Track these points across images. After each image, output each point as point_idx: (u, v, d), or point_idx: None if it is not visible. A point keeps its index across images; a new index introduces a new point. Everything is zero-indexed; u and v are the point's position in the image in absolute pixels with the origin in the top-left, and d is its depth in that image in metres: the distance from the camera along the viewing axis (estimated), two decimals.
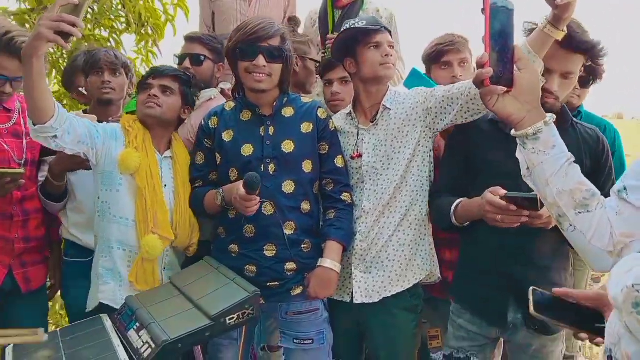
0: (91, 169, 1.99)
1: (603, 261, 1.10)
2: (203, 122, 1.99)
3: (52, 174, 2.09)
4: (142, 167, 1.92)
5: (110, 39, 3.68)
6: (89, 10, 3.66)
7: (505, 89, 1.13)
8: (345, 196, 1.96)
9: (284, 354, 2.19)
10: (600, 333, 1.09)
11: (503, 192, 1.59)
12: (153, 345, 1.50)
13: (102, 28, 3.69)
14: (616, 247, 1.08)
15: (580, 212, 1.09)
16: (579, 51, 1.72)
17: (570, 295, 1.22)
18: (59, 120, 1.70)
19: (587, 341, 1.20)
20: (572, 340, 2.55)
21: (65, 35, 1.51)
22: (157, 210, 1.91)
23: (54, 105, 1.69)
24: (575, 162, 1.16)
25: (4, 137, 2.08)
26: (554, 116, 1.16)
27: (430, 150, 2.00)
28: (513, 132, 1.17)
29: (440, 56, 2.27)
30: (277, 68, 1.88)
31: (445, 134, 2.09)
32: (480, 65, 1.12)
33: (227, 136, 1.93)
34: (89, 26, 3.55)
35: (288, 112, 1.96)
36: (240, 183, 1.72)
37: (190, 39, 2.38)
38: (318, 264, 1.88)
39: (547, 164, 1.12)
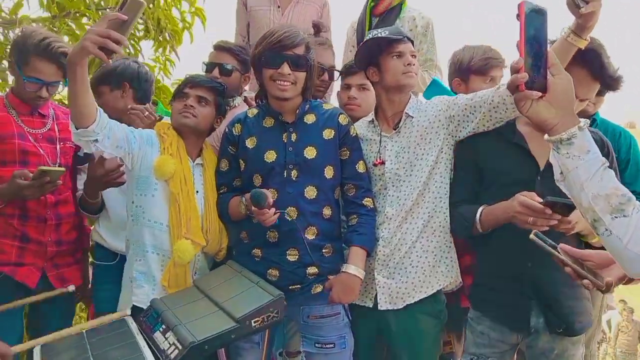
0: (123, 184, 2.06)
1: (639, 266, 1.09)
2: (227, 130, 2.02)
3: (86, 193, 2.15)
4: (176, 174, 1.94)
5: (129, 45, 3.72)
6: None
7: (540, 94, 1.14)
8: (367, 201, 1.97)
9: (303, 358, 2.21)
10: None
11: (537, 197, 1.61)
12: (180, 347, 1.51)
13: None
14: None
15: (616, 217, 1.09)
16: (605, 85, 1.75)
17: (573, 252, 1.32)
18: (100, 124, 1.75)
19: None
20: (590, 348, 2.53)
21: (109, 51, 1.55)
22: (190, 215, 1.93)
23: (96, 111, 1.74)
24: None
25: (39, 141, 2.14)
26: (588, 121, 1.16)
27: (452, 157, 2.01)
28: (546, 137, 1.17)
29: (488, 70, 2.29)
30: (301, 76, 1.91)
31: None
32: (516, 70, 1.12)
33: (250, 143, 1.95)
34: None
35: (310, 118, 1.98)
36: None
37: (220, 48, 2.41)
38: (342, 270, 1.90)
39: (582, 168, 1.12)
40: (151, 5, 3.58)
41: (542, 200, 1.60)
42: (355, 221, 1.95)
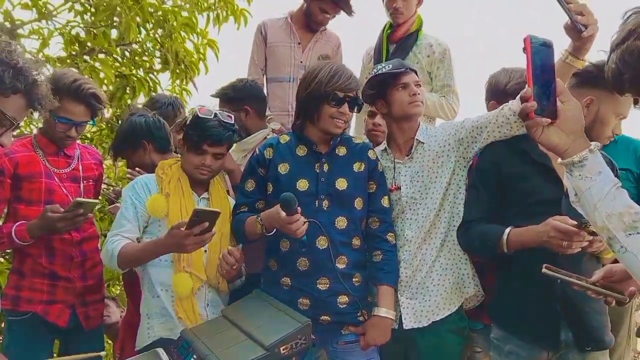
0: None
1: None
2: (258, 152, 2.06)
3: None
4: (173, 210, 1.99)
5: (147, 78, 3.84)
6: (126, 52, 3.87)
7: (549, 120, 1.19)
8: (390, 236, 2.02)
9: None
10: None
11: (572, 221, 1.63)
12: None
13: (139, 68, 3.87)
14: None
15: (630, 234, 1.12)
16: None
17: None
18: None
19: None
20: (623, 358, 2.50)
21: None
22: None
23: None
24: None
25: (63, 181, 2.22)
26: (599, 144, 1.21)
27: (465, 178, 2.07)
28: (559, 160, 1.22)
29: None
30: (351, 116, 2.03)
31: None
32: (525, 99, 1.18)
33: (283, 169, 1.99)
34: (125, 68, 3.71)
35: (342, 151, 2.04)
36: (277, 207, 1.78)
37: (221, 99, 2.54)
38: (373, 313, 1.95)
39: (595, 189, 1.16)
40: (168, 39, 3.71)
41: (576, 223, 1.61)
42: (380, 258, 1.99)
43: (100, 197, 2.57)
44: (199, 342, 1.73)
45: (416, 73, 2.10)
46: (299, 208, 1.77)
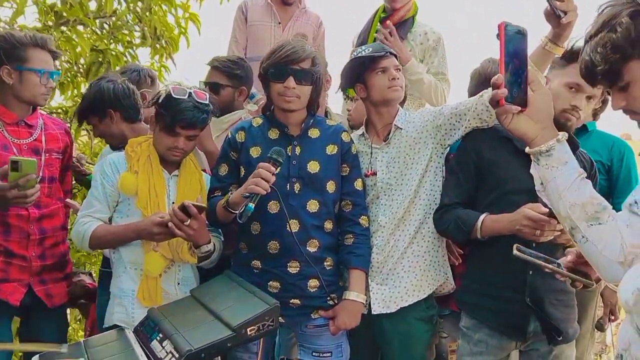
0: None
1: (614, 271, 1.14)
2: (230, 135, 2.03)
3: None
4: (142, 189, 1.96)
5: (126, 53, 3.76)
6: (105, 25, 3.77)
7: (519, 108, 1.19)
8: (363, 220, 2.01)
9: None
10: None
11: (544, 209, 1.64)
12: (177, 355, 1.53)
13: (118, 43, 3.78)
14: (627, 257, 1.12)
15: (592, 224, 1.14)
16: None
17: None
18: None
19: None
20: (587, 349, 2.56)
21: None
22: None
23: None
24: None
25: (22, 152, 2.11)
26: (566, 134, 1.22)
27: (442, 165, 2.07)
28: (527, 149, 1.23)
29: None
30: (306, 90, 1.92)
31: None
32: (496, 86, 1.18)
33: (254, 152, 1.96)
34: (105, 41, 3.63)
35: (314, 133, 2.01)
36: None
37: (212, 67, 2.46)
38: (344, 297, 1.94)
39: (560, 179, 1.17)
40: (148, 13, 3.62)
41: (547, 211, 1.62)
42: (352, 241, 1.98)
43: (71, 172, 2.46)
44: (165, 321, 1.71)
45: (396, 57, 2.07)
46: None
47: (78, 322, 3.71)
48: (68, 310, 2.55)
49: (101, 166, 2.02)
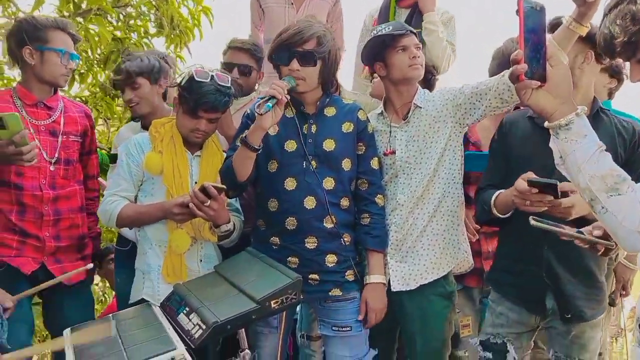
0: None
1: (633, 241, 1.16)
2: (249, 111, 2.04)
3: None
4: (167, 168, 2.02)
5: (142, 43, 3.81)
6: (121, 15, 3.83)
7: (539, 83, 1.21)
8: (378, 199, 2.04)
9: (322, 345, 2.29)
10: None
11: (533, 175, 1.67)
12: (204, 327, 1.58)
13: (133, 32, 3.83)
14: None
15: (611, 195, 1.16)
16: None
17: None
18: None
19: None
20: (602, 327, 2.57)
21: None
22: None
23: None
24: (607, 150, 1.23)
25: (39, 133, 2.15)
26: (585, 108, 1.24)
27: (461, 145, 2.08)
28: (546, 123, 1.24)
29: None
30: (311, 71, 1.93)
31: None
32: (515, 62, 1.20)
33: (271, 130, 1.98)
34: (119, 32, 3.68)
35: (330, 111, 2.03)
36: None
37: (237, 48, 2.48)
38: (365, 282, 1.99)
39: (579, 151, 1.19)
40: (164, 3, 3.67)
41: (527, 180, 1.66)
42: (368, 221, 2.01)
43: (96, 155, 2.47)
44: (191, 295, 1.77)
45: (417, 35, 2.08)
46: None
47: (100, 303, 3.80)
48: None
49: (126, 147, 2.08)
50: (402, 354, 2.32)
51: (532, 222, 1.46)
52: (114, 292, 2.97)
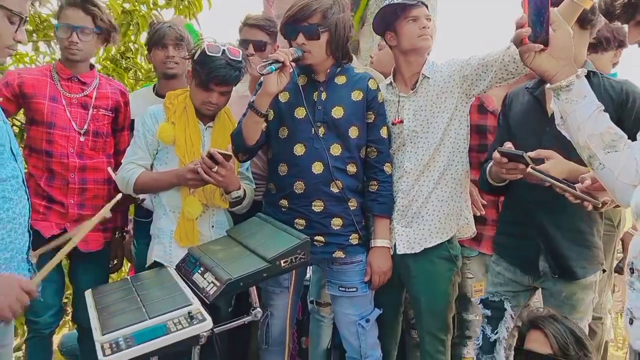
0: None
1: (629, 195, 1.21)
2: (263, 79, 2.08)
3: None
4: (180, 138, 2.09)
5: (151, 15, 3.84)
6: None
7: (542, 46, 1.26)
8: (387, 167, 2.10)
9: (331, 312, 2.41)
10: None
11: (509, 145, 1.76)
12: (218, 284, 1.67)
13: (142, 4, 3.86)
14: None
15: (608, 152, 1.22)
16: None
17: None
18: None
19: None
20: (601, 299, 2.63)
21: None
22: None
23: None
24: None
25: (71, 106, 2.24)
26: (585, 70, 1.30)
27: (467, 115, 2.13)
28: (548, 85, 1.30)
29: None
30: (316, 44, 1.98)
31: None
32: (520, 25, 1.26)
33: (283, 97, 2.06)
34: (128, 5, 3.71)
35: (341, 80, 2.08)
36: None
37: (251, 25, 2.52)
38: (371, 245, 2.08)
39: (579, 111, 1.25)
40: None
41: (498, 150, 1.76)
42: (375, 188, 2.09)
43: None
44: (205, 256, 1.86)
45: (427, 7, 2.11)
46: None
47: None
48: None
49: (142, 117, 2.15)
50: (407, 316, 2.42)
51: (529, 169, 1.52)
52: (129, 264, 3.06)
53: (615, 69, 2.65)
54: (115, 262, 2.53)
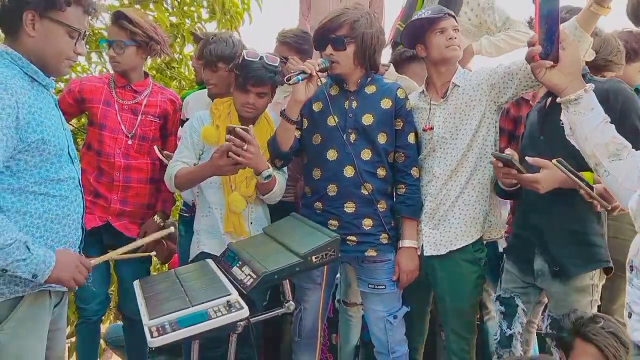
0: None
1: (632, 199, 1.30)
2: (292, 88, 2.21)
3: None
4: (222, 139, 2.20)
5: (195, 28, 4.06)
6: (176, 1, 4.09)
7: (552, 63, 1.37)
8: (414, 171, 2.21)
9: (359, 311, 2.55)
10: None
11: (504, 155, 1.87)
12: (254, 276, 1.81)
13: (187, 18, 4.09)
14: None
15: (613, 160, 1.31)
16: None
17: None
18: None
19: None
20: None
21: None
22: (237, 174, 2.21)
23: None
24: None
25: (122, 111, 2.46)
26: (593, 85, 1.39)
27: (496, 122, 2.21)
28: (559, 99, 1.41)
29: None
30: (343, 55, 2.12)
31: None
32: (531, 44, 1.38)
33: (316, 107, 2.21)
34: (174, 18, 3.94)
35: (370, 89, 2.21)
36: None
37: (280, 42, 2.71)
38: (399, 246, 2.18)
39: (586, 122, 1.35)
40: None
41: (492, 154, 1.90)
42: (404, 191, 2.20)
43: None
44: (243, 252, 2.00)
45: (455, 18, 2.20)
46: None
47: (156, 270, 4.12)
48: None
49: (191, 121, 2.34)
50: (437, 318, 2.51)
51: (554, 161, 1.61)
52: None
53: None
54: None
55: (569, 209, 1.92)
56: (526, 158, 1.82)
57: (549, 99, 2.02)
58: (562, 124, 1.48)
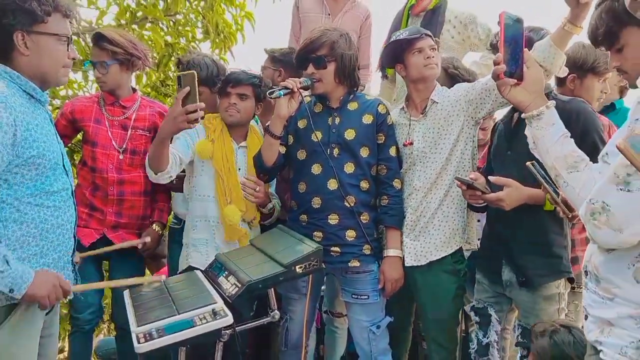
0: None
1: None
2: (275, 104, 2.31)
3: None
4: (217, 154, 2.35)
5: (190, 47, 4.17)
6: (171, 21, 4.21)
7: (515, 81, 1.48)
8: (396, 182, 2.29)
9: (345, 323, 2.61)
10: None
11: (473, 176, 1.99)
12: (239, 285, 1.88)
13: (182, 37, 4.20)
14: None
15: (571, 172, 1.40)
16: None
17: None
18: (173, 165, 2.22)
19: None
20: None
21: (194, 121, 2.00)
22: (232, 187, 2.34)
23: (169, 158, 2.18)
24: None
25: (113, 127, 2.53)
26: (554, 102, 1.50)
27: (474, 136, 2.30)
28: (523, 114, 1.51)
29: (605, 72, 2.44)
30: (325, 73, 2.23)
31: None
32: (497, 63, 1.48)
33: (301, 124, 2.32)
34: (170, 38, 4.05)
35: (353, 106, 2.31)
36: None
37: (267, 55, 2.84)
38: (384, 255, 2.26)
39: (547, 137, 1.45)
40: (210, 12, 4.03)
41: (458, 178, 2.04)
42: (386, 202, 2.28)
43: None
44: (230, 262, 2.07)
45: (432, 37, 2.29)
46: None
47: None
48: None
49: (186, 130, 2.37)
50: (419, 328, 2.57)
51: (528, 164, 1.68)
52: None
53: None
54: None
55: (533, 221, 2.01)
56: (489, 177, 1.93)
57: (515, 114, 2.11)
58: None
